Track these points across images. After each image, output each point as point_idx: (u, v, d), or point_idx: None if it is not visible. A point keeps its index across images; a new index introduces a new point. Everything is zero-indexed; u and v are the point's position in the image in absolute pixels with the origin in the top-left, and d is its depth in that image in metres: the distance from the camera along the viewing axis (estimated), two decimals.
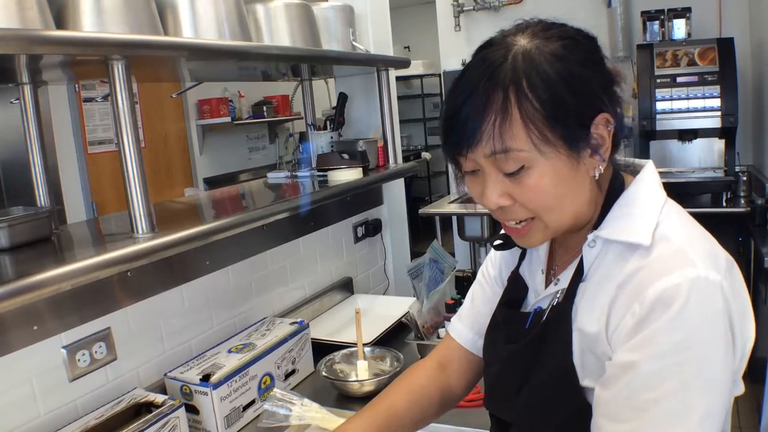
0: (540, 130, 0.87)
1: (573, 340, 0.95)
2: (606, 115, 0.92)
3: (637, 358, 0.85)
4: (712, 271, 0.85)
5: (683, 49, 3.80)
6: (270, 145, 6.47)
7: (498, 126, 0.87)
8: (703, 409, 0.83)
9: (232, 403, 1.67)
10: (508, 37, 0.93)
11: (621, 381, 0.86)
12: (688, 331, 0.82)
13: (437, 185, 8.84)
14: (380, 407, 1.20)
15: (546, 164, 0.89)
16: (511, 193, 0.92)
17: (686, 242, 0.89)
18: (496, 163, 0.90)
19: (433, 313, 2.08)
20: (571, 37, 0.93)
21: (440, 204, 4.76)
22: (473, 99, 0.89)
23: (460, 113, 0.90)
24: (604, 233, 0.95)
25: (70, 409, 1.54)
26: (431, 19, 5.39)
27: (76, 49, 1.34)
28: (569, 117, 0.88)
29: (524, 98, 0.86)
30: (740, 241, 3.47)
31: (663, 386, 0.83)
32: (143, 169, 1.49)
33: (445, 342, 1.33)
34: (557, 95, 0.87)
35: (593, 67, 0.93)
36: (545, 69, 0.88)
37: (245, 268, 2.12)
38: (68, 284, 1.32)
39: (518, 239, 1.02)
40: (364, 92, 2.96)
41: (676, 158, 3.98)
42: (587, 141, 0.91)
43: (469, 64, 0.94)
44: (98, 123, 4.50)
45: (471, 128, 0.89)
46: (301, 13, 2.22)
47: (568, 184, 0.92)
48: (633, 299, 0.86)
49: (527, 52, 0.89)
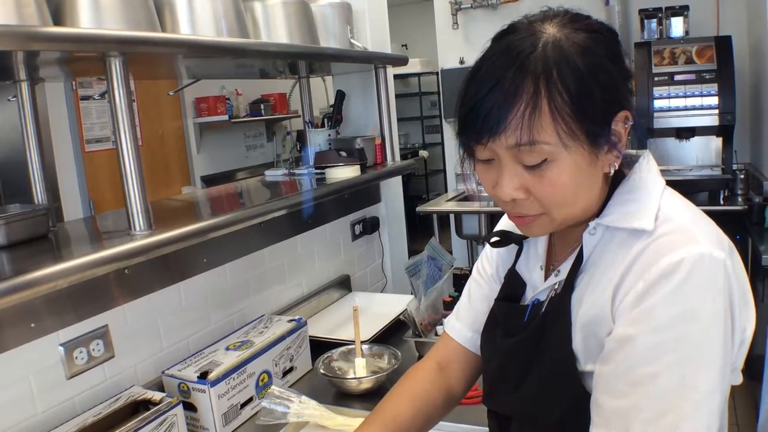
0: (567, 124, 0.85)
1: (574, 328, 0.95)
2: (626, 112, 0.91)
3: (634, 331, 0.84)
4: (716, 249, 0.85)
5: (681, 47, 3.81)
6: (267, 143, 6.47)
7: (527, 117, 0.84)
8: (703, 386, 0.82)
9: (230, 400, 1.67)
10: (535, 24, 0.91)
11: (619, 355, 0.86)
12: (687, 305, 0.82)
13: (435, 183, 8.85)
14: (387, 416, 1.19)
15: (568, 159, 0.87)
16: (527, 186, 0.90)
17: (690, 222, 0.89)
18: (517, 155, 0.88)
19: (431, 310, 2.08)
20: (597, 30, 0.92)
21: (438, 202, 4.77)
22: (501, 87, 0.86)
23: (485, 101, 0.86)
24: (606, 220, 0.95)
25: (67, 406, 1.54)
26: (429, 17, 5.39)
27: (73, 46, 1.33)
28: (596, 111, 0.87)
29: (554, 90, 0.84)
30: (737, 239, 3.47)
31: (661, 360, 0.82)
32: (140, 166, 1.49)
33: (443, 342, 1.32)
34: (586, 88, 0.86)
35: (617, 62, 0.92)
36: (575, 61, 0.86)
37: (243, 265, 2.12)
38: (65, 281, 1.32)
39: (522, 228, 1.00)
40: (361, 90, 2.96)
41: (674, 156, 3.99)
42: (608, 137, 0.90)
43: (492, 50, 0.91)
44: (95, 121, 4.49)
45: (496, 117, 0.86)
46: (298, 10, 2.22)
47: (585, 180, 0.91)
48: (638, 277, 0.86)
49: (557, 41, 0.87)
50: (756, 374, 1.66)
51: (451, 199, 4.75)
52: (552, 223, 0.95)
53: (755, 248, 3.09)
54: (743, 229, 3.45)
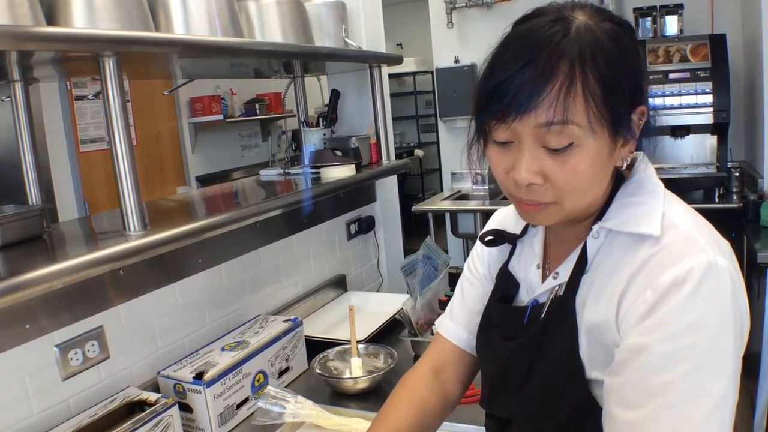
0: (598, 108, 0.85)
1: (579, 333, 0.94)
2: (643, 107, 0.92)
3: (648, 340, 0.84)
4: (720, 257, 0.85)
5: (675, 45, 3.81)
6: (263, 142, 6.45)
7: (563, 95, 0.83)
8: (715, 393, 0.82)
9: (225, 401, 1.67)
10: (565, 10, 0.90)
11: (632, 365, 0.85)
12: (699, 314, 0.82)
13: (430, 182, 8.85)
14: (388, 428, 1.17)
15: (592, 145, 0.87)
16: (546, 171, 0.89)
17: (694, 229, 0.89)
18: (544, 136, 0.86)
19: (427, 309, 2.08)
20: (619, 23, 0.92)
21: (433, 201, 4.77)
22: (534, 65, 0.84)
23: (516, 77, 0.85)
24: (610, 224, 0.95)
25: (62, 408, 1.53)
26: (424, 16, 5.39)
27: (66, 46, 1.33)
28: (623, 99, 0.88)
29: (588, 72, 0.84)
30: (733, 236, 3.48)
31: (675, 368, 0.82)
32: (134, 166, 1.49)
33: (437, 344, 1.30)
34: (616, 75, 0.86)
35: (639, 55, 0.93)
36: (607, 47, 0.86)
37: (238, 265, 2.12)
38: (60, 282, 1.32)
39: (527, 215, 0.98)
40: (356, 89, 2.96)
41: (669, 154, 3.99)
42: (628, 127, 0.90)
43: (519, 31, 0.91)
44: (90, 121, 4.48)
45: (528, 94, 0.84)
46: (293, 9, 2.22)
47: (600, 170, 0.91)
48: (646, 286, 0.86)
49: (589, 26, 0.87)
50: (752, 373, 1.66)
51: (447, 198, 4.75)
52: (560, 213, 0.94)
53: (750, 246, 3.10)
54: (738, 226, 3.45)
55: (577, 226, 1.00)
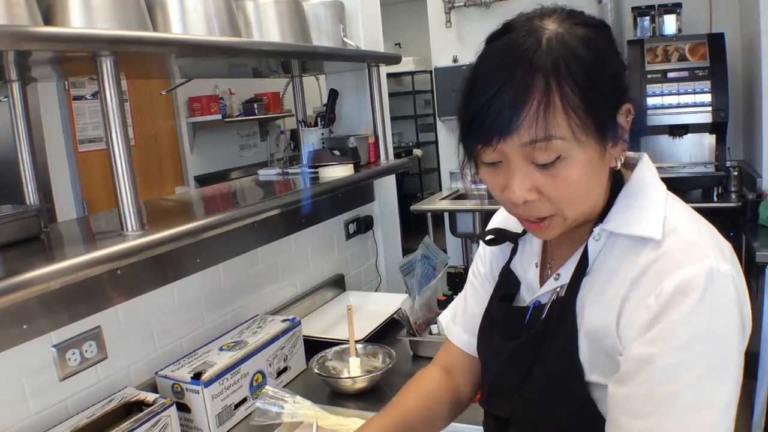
0: (580, 118, 0.84)
1: (579, 336, 0.94)
2: (628, 105, 0.91)
3: (655, 351, 0.84)
4: (723, 263, 0.85)
5: (674, 44, 3.81)
6: (261, 142, 6.45)
7: (542, 113, 0.83)
8: (721, 401, 0.82)
9: (223, 401, 1.67)
10: (534, 20, 0.89)
11: (639, 375, 0.85)
12: (705, 324, 0.82)
13: (428, 182, 8.85)
14: (395, 410, 1.19)
15: (581, 155, 0.86)
16: (539, 186, 0.89)
17: (696, 234, 0.89)
18: (530, 154, 0.86)
19: (425, 309, 2.08)
20: (593, 25, 0.91)
21: (432, 200, 4.77)
22: (510, 86, 0.84)
23: (494, 101, 0.84)
24: (611, 226, 0.94)
25: (60, 408, 1.53)
26: (422, 16, 5.38)
27: (63, 46, 1.32)
28: (605, 104, 0.87)
29: (565, 84, 0.83)
30: (731, 236, 3.48)
31: (682, 378, 0.82)
32: (132, 166, 1.49)
33: (445, 347, 1.32)
34: (594, 81, 0.85)
35: (616, 54, 0.92)
36: (581, 54, 0.85)
37: (236, 265, 2.12)
38: (57, 282, 1.31)
39: (537, 233, 0.99)
40: (355, 89, 2.96)
41: (667, 154, 3.99)
42: (615, 130, 0.89)
43: (492, 50, 0.90)
44: (88, 121, 4.47)
45: (508, 116, 0.84)
46: (291, 8, 2.21)
47: (594, 176, 0.91)
48: (648, 292, 0.86)
49: (560, 36, 0.86)
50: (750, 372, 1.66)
51: (446, 197, 4.74)
52: (565, 222, 0.93)
53: (749, 245, 3.10)
54: (737, 225, 3.45)
55: (577, 227, 1.00)
